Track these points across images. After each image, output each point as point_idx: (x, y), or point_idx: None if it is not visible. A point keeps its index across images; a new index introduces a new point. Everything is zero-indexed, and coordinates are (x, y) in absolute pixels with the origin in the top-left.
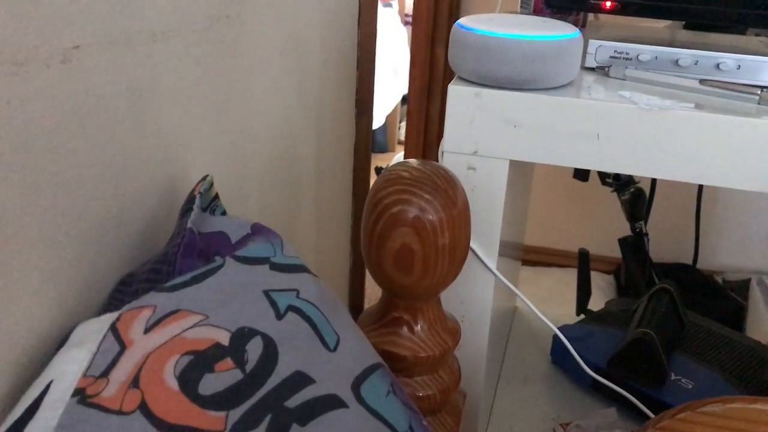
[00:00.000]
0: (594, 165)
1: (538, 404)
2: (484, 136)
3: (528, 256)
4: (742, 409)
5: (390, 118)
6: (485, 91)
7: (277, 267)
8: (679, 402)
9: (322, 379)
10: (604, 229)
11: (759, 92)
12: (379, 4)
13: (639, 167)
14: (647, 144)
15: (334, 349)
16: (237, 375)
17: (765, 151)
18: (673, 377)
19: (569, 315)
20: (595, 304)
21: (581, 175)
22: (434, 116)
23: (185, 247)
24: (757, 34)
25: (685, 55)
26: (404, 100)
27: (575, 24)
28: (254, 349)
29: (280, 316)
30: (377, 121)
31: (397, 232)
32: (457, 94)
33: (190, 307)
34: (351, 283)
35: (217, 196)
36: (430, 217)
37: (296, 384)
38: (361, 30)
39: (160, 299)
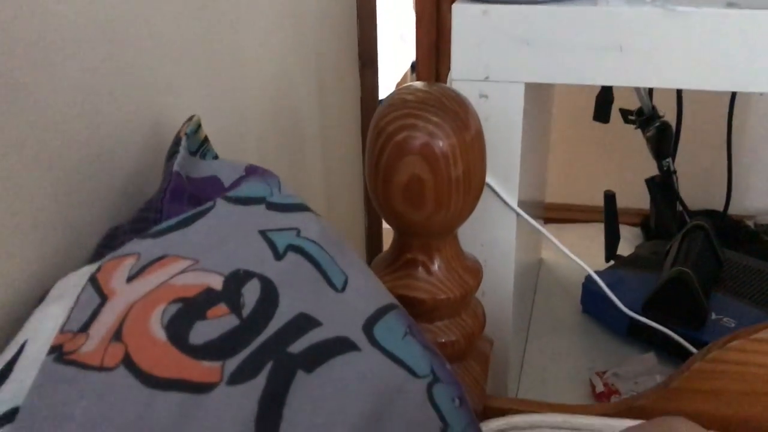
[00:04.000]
0: (618, 80)
1: (571, 354)
2: (495, 58)
3: (549, 214)
4: None
5: (401, 84)
6: (493, 8)
7: (274, 206)
8: None
9: (329, 321)
10: (628, 179)
11: None
12: None
13: (668, 79)
14: (676, 52)
15: (342, 289)
16: (233, 321)
17: None
18: (713, 316)
19: (597, 266)
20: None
21: (602, 115)
22: (444, 78)
23: (172, 192)
24: None
25: None
26: (413, 67)
27: None
28: (251, 293)
29: (279, 256)
30: (387, 89)
31: (404, 162)
32: (462, 13)
33: (178, 252)
34: (368, 247)
35: (206, 139)
36: (440, 143)
37: (300, 327)
38: None
39: (144, 246)
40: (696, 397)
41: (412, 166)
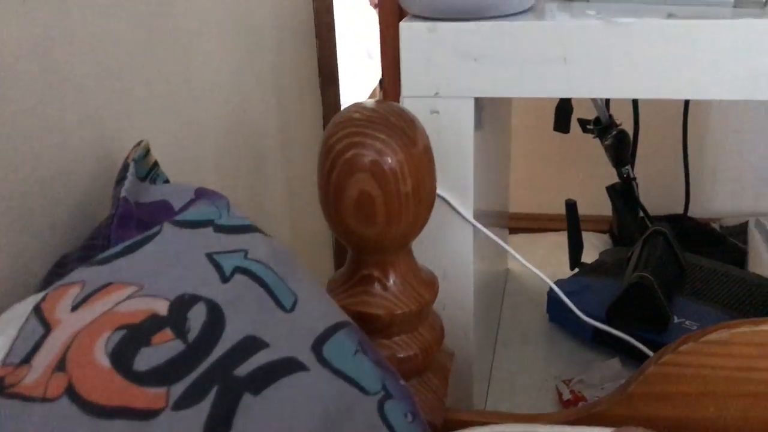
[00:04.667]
0: (564, 92)
1: (539, 363)
2: (444, 74)
3: (517, 223)
4: (748, 333)
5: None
6: (440, 25)
7: (222, 229)
8: None
9: (276, 342)
10: (593, 186)
11: None
12: None
13: (612, 89)
14: (619, 62)
15: (291, 309)
16: (178, 346)
17: (744, 55)
18: (676, 320)
19: (564, 274)
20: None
21: (562, 125)
22: None
23: (119, 219)
24: None
25: None
26: (381, 83)
27: None
28: (197, 317)
29: (225, 279)
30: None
31: (353, 179)
32: (409, 31)
33: (123, 279)
34: (336, 262)
35: (156, 164)
36: (389, 159)
37: (247, 350)
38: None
39: (88, 274)
40: (652, 401)
41: (361, 182)
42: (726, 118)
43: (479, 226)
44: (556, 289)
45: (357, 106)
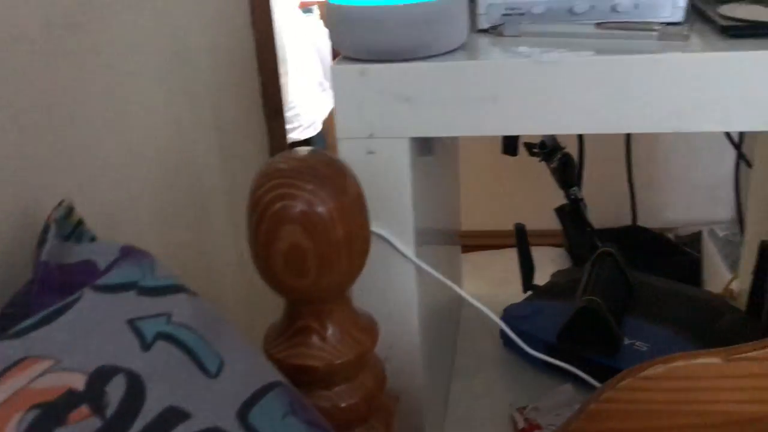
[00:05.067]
0: (496, 130)
1: (495, 392)
2: (378, 115)
3: (477, 240)
4: (685, 367)
5: (327, 123)
6: (370, 67)
7: (145, 291)
8: None
9: (200, 411)
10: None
11: (657, 28)
12: (299, 11)
13: (543, 125)
14: (548, 99)
15: (217, 375)
16: (95, 423)
17: (669, 89)
18: (626, 341)
19: (519, 294)
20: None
21: (509, 149)
22: None
23: (40, 284)
24: None
25: (579, 1)
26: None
27: None
28: (116, 390)
29: (146, 346)
30: (311, 131)
31: (283, 230)
32: (341, 74)
33: (40, 352)
34: None
35: (81, 222)
36: (319, 209)
37: (168, 422)
38: (255, 29)
39: (3, 348)
40: None
41: (291, 235)
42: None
43: (422, 264)
44: (502, 325)
45: (284, 156)
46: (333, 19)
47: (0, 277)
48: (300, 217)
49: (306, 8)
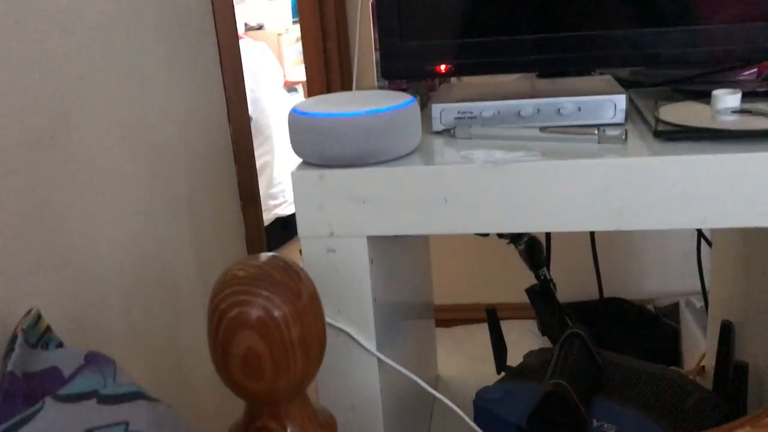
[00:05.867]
0: (447, 229)
1: None
2: (337, 216)
3: (456, 314)
4: None
5: None
6: (328, 172)
7: (106, 399)
8: None
9: None
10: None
11: (596, 131)
12: (284, 90)
13: (491, 224)
14: (494, 200)
15: None
16: None
17: (610, 189)
18: (595, 423)
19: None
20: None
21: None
22: None
23: (5, 394)
24: (601, 73)
25: (526, 105)
26: None
27: (431, 88)
28: None
29: None
30: (292, 207)
31: (239, 336)
32: (301, 178)
33: None
34: None
35: (48, 329)
36: (274, 314)
37: None
38: (231, 123)
39: None
40: None
41: (247, 339)
42: None
43: (384, 357)
44: (466, 418)
45: (242, 264)
46: (294, 128)
47: None
48: (255, 323)
49: (290, 87)
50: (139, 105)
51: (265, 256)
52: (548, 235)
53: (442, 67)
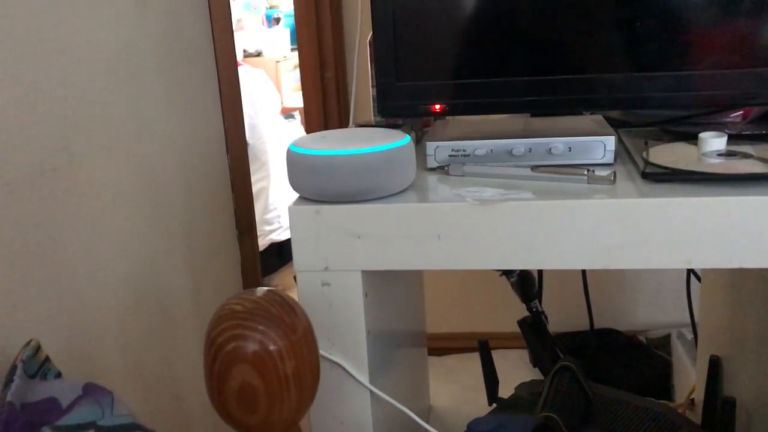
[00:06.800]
0: (439, 265)
1: None
2: (332, 250)
3: (450, 343)
4: None
5: None
6: (324, 208)
7: (103, 431)
8: None
9: None
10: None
11: (586, 172)
12: (281, 117)
13: (482, 261)
14: (486, 238)
15: None
16: None
17: (598, 229)
18: None
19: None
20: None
21: None
22: None
23: (4, 424)
24: (592, 113)
25: (518, 144)
26: None
27: (425, 124)
28: None
29: None
30: (287, 233)
31: (235, 369)
32: (297, 213)
33: None
34: None
35: (47, 359)
36: (270, 348)
37: None
38: (230, 154)
39: None
40: None
41: (243, 373)
42: None
43: (377, 390)
44: None
45: (239, 298)
46: (292, 164)
47: None
48: (251, 357)
49: (288, 114)
50: (139, 136)
51: (261, 290)
52: (540, 270)
53: (437, 106)
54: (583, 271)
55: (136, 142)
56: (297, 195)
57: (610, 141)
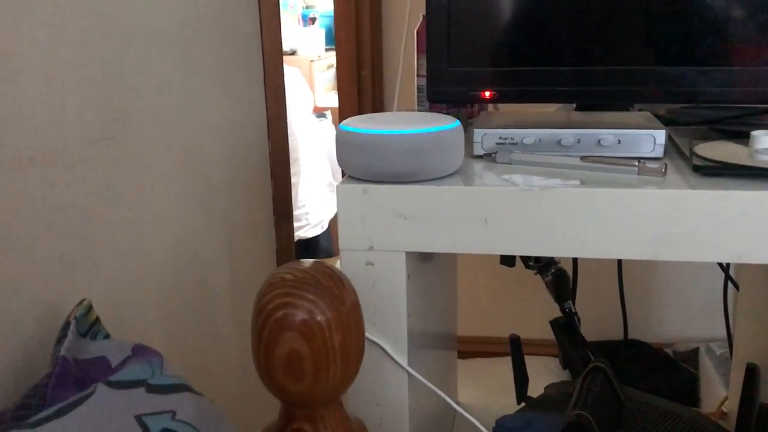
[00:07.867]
0: (485, 249)
1: None
2: (377, 230)
3: (477, 347)
4: None
5: (334, 222)
6: (372, 187)
7: (154, 389)
8: None
9: None
10: (548, 311)
11: (637, 163)
12: (313, 116)
13: (528, 247)
14: (533, 224)
15: None
16: None
17: (647, 220)
18: None
19: (513, 403)
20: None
21: (507, 260)
22: None
23: (57, 377)
24: (640, 109)
25: (567, 134)
26: None
27: (470, 115)
28: None
29: None
30: (318, 229)
31: (283, 337)
32: (345, 192)
33: None
34: None
35: (97, 320)
36: (318, 318)
37: None
38: (271, 140)
39: None
40: None
41: (291, 340)
42: None
43: (414, 372)
44: None
45: (289, 267)
46: (341, 142)
47: (21, 368)
48: (300, 325)
49: (320, 113)
50: (188, 117)
51: (310, 261)
52: (575, 268)
53: (487, 93)
54: (620, 280)
55: (185, 123)
56: (345, 174)
57: (661, 135)
